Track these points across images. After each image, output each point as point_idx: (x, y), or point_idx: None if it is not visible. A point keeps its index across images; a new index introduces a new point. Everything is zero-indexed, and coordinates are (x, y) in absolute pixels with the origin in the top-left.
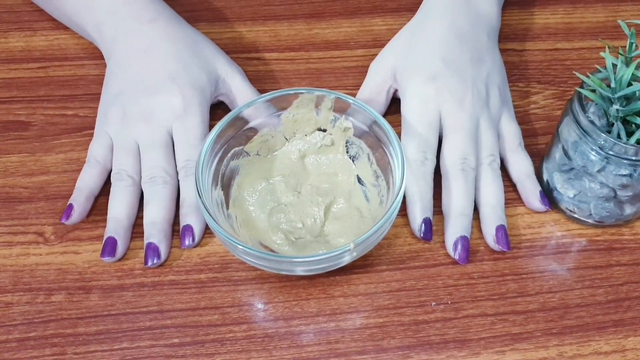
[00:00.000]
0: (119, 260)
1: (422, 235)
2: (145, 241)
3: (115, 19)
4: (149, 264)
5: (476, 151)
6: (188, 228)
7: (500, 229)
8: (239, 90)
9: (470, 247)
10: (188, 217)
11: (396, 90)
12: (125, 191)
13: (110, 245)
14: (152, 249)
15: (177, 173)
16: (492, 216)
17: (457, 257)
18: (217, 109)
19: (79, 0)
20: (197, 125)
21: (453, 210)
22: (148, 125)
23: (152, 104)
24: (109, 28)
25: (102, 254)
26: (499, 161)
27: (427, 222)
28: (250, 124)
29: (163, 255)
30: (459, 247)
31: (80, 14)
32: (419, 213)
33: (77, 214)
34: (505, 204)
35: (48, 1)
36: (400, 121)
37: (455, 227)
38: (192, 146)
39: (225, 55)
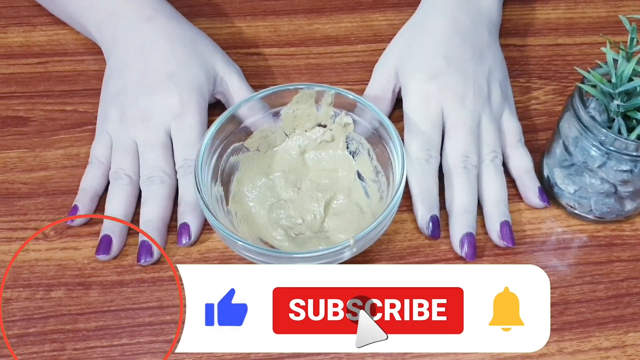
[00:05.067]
0: (114, 258)
1: (430, 233)
2: (140, 239)
3: (115, 18)
4: (142, 261)
5: (478, 149)
6: (185, 226)
7: (505, 224)
8: (235, 89)
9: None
10: (185, 216)
11: (400, 89)
12: (122, 190)
13: (104, 244)
14: (146, 247)
15: (176, 172)
16: (496, 212)
17: (464, 254)
18: (215, 109)
19: (81, 1)
20: (194, 124)
21: (456, 208)
22: (146, 125)
23: (150, 103)
24: (109, 27)
25: (97, 252)
26: (501, 157)
27: (434, 219)
28: (246, 123)
29: (155, 254)
30: (466, 244)
31: (82, 14)
32: (425, 211)
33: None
34: (508, 200)
35: (50, 1)
36: (401, 118)
37: (460, 224)
38: (190, 145)
39: (223, 53)
